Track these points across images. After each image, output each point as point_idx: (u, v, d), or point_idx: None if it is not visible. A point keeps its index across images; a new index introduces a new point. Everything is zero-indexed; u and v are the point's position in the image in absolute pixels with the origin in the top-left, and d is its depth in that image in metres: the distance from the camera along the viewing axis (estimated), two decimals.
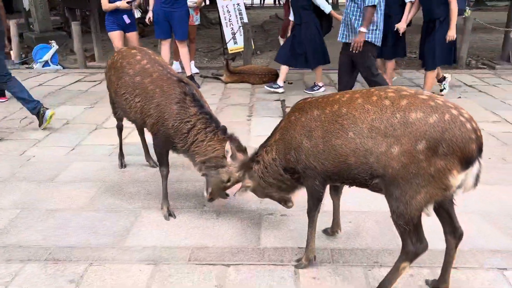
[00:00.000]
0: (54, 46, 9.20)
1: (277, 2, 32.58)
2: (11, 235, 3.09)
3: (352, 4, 5.13)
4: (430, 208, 2.22)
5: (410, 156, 2.07)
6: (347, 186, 2.66)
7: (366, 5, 4.97)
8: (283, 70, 6.82)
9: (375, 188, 2.36)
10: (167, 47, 7.14)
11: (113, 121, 5.43)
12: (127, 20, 6.74)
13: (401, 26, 6.15)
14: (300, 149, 2.46)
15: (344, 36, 5.36)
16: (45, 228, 3.18)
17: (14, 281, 2.64)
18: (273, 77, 7.40)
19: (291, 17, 6.93)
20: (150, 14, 6.95)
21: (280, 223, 3.22)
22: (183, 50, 7.12)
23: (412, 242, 2.24)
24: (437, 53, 5.89)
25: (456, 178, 2.05)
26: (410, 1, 6.20)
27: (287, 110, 5.83)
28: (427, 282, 2.58)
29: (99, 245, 2.98)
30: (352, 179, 2.36)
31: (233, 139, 3.11)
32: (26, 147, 4.71)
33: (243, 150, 3.12)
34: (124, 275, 2.68)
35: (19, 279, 2.66)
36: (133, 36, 6.94)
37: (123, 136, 4.29)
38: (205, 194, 3.29)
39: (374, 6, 4.99)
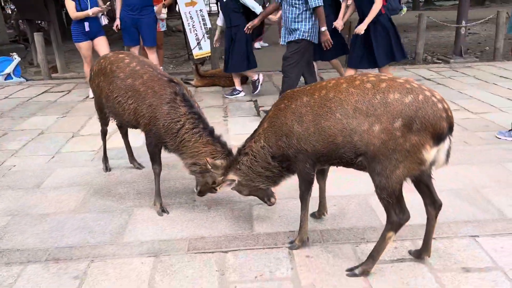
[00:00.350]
0: (16, 59, 9.08)
1: (267, 5, 32.87)
2: (6, 241, 3.13)
3: (291, 8, 5.19)
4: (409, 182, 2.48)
5: (388, 133, 2.29)
6: (330, 172, 2.87)
7: (314, 6, 5.06)
8: (234, 76, 7.00)
9: (359, 167, 2.57)
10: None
11: (89, 129, 5.56)
12: (87, 28, 6.66)
13: (338, 24, 6.15)
14: (292, 134, 2.64)
15: (286, 39, 5.42)
16: (40, 231, 3.23)
17: (18, 282, 2.69)
18: (242, 79, 7.59)
19: (219, 22, 6.90)
20: (117, 22, 6.97)
21: (269, 211, 3.40)
22: (152, 57, 7.17)
23: (396, 213, 2.48)
24: (380, 51, 5.75)
25: (429, 152, 2.30)
26: (345, 0, 6.24)
27: (261, 109, 6.06)
28: (410, 252, 2.82)
29: (97, 243, 3.06)
30: (339, 158, 2.56)
31: (219, 142, 3.23)
32: (4, 157, 4.69)
33: (228, 152, 3.22)
34: (127, 268, 2.79)
35: (22, 280, 2.72)
36: (102, 40, 6.88)
37: (102, 142, 4.35)
38: (195, 190, 3.43)
39: (321, 6, 5.12)
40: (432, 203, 2.60)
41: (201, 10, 10.45)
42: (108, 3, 6.80)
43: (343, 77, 2.59)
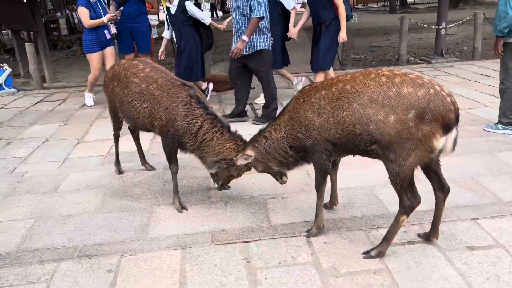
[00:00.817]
0: (7, 69, 9.09)
1: (214, 15, 33.14)
2: (35, 241, 3.26)
3: (242, 18, 5.29)
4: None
5: (402, 123, 2.53)
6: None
7: (255, 16, 5.12)
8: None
9: (373, 155, 2.80)
10: None
11: (92, 135, 5.70)
12: (108, 36, 6.80)
13: (293, 32, 6.27)
14: (312, 125, 2.86)
15: (245, 49, 5.41)
16: (66, 231, 3.37)
17: (55, 278, 2.84)
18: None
19: (166, 35, 6.66)
20: (114, 30, 7.06)
21: (283, 204, 3.61)
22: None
23: (408, 198, 2.71)
24: (320, 56, 5.93)
25: (439, 141, 2.54)
26: (294, 8, 6.33)
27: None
28: (419, 235, 3.06)
29: (124, 239, 3.22)
30: (356, 146, 2.79)
31: (238, 136, 3.45)
32: (14, 164, 4.79)
33: (245, 143, 3.41)
34: (157, 260, 2.96)
35: (58, 275, 2.86)
36: (111, 51, 6.97)
37: (108, 147, 4.50)
38: (215, 185, 3.64)
39: (263, 18, 5.20)
40: (441, 188, 2.85)
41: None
42: (121, 8, 6.84)
43: (359, 71, 2.82)
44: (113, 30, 6.98)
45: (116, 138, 4.35)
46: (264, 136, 3.18)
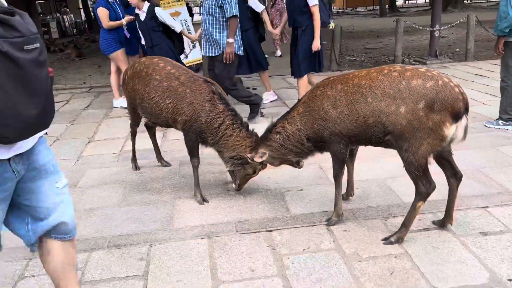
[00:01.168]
0: None
1: None
2: None
3: (210, 18, 5.23)
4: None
5: (413, 113, 2.70)
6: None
7: (228, 16, 5.13)
8: None
9: (387, 145, 2.96)
10: None
11: (102, 134, 5.80)
12: (128, 35, 6.84)
13: (276, 31, 6.44)
14: (328, 117, 3.01)
15: (207, 50, 5.45)
16: (92, 223, 3.48)
17: (88, 266, 2.94)
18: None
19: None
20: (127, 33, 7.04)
21: (300, 196, 3.75)
22: None
23: (423, 184, 2.88)
24: (300, 61, 5.91)
25: (449, 129, 2.71)
26: (264, 10, 6.41)
27: (263, 111, 6.42)
28: (433, 222, 3.23)
29: (151, 230, 3.34)
30: (369, 137, 2.95)
31: (254, 134, 3.59)
32: None
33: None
34: (185, 248, 3.08)
35: (91, 264, 2.97)
36: (124, 53, 7.01)
37: (120, 145, 4.60)
38: (233, 186, 3.77)
39: (236, 16, 5.17)
40: (454, 175, 3.02)
41: (185, 20, 10.73)
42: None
43: (373, 68, 2.99)
44: (127, 34, 7.02)
45: (134, 134, 4.45)
46: (277, 132, 3.32)
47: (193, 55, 10.30)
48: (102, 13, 6.59)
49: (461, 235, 3.07)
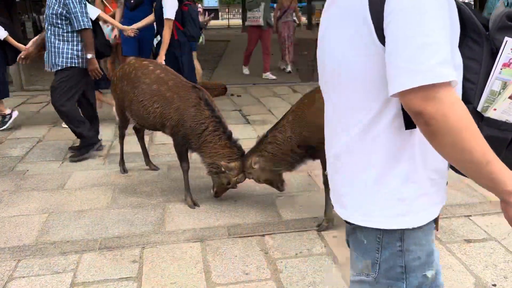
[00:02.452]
0: None
1: None
2: (52, 234, 3.32)
3: (53, 29, 4.58)
4: None
5: None
6: None
7: (79, 29, 4.52)
8: None
9: None
10: None
11: None
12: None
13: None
14: (316, 125, 3.09)
15: (53, 65, 4.68)
16: (83, 225, 3.45)
17: (80, 268, 2.92)
18: (222, 90, 8.00)
19: None
20: (116, 32, 6.79)
21: (291, 202, 3.81)
22: None
23: None
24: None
25: None
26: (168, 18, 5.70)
27: (248, 117, 6.50)
28: None
29: (142, 233, 3.33)
30: None
31: (235, 145, 3.60)
32: (13, 163, 4.78)
33: (242, 154, 3.58)
34: (178, 251, 3.10)
35: (83, 266, 2.95)
36: None
37: (106, 148, 4.56)
38: (212, 191, 3.79)
39: (89, 29, 4.59)
40: None
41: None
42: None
43: None
44: (116, 32, 6.98)
45: (122, 137, 4.43)
46: (269, 142, 3.38)
47: None
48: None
49: (447, 241, 3.19)
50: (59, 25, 4.57)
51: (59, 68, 4.64)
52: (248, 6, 9.65)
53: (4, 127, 6.08)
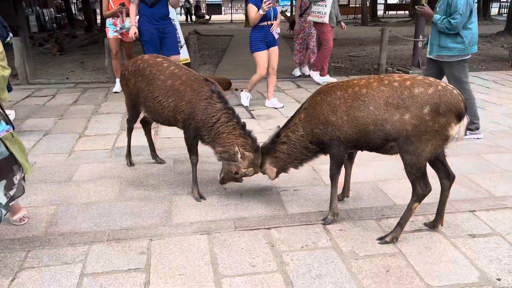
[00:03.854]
0: None
1: (189, 19, 33.25)
2: (61, 225, 3.36)
3: None
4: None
5: (419, 119, 2.82)
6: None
7: None
8: None
9: (385, 150, 3.08)
10: None
11: (92, 130, 5.78)
12: (276, 36, 6.63)
13: None
14: (328, 122, 3.12)
15: None
16: (91, 217, 3.49)
17: (89, 259, 2.96)
18: (226, 85, 8.02)
19: None
20: (135, 29, 6.55)
21: (296, 196, 3.84)
22: None
23: (421, 186, 3.00)
24: None
25: (454, 129, 2.86)
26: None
27: (253, 112, 6.52)
28: (425, 224, 3.36)
29: (150, 225, 3.37)
30: (367, 143, 3.06)
31: (250, 136, 3.61)
32: None
33: (256, 148, 3.59)
34: (186, 243, 3.13)
35: (92, 256, 2.99)
36: (276, 50, 6.77)
37: (112, 141, 4.58)
38: (218, 177, 3.80)
39: None
40: (447, 176, 3.17)
41: (173, 20, 10.73)
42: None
43: (371, 77, 3.10)
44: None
45: (130, 130, 4.46)
46: (282, 142, 3.41)
47: (181, 54, 10.32)
48: (251, 9, 6.39)
49: (452, 236, 3.21)
50: None
51: None
52: None
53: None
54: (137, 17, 6.55)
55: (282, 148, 3.43)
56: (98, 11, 25.20)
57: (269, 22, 6.45)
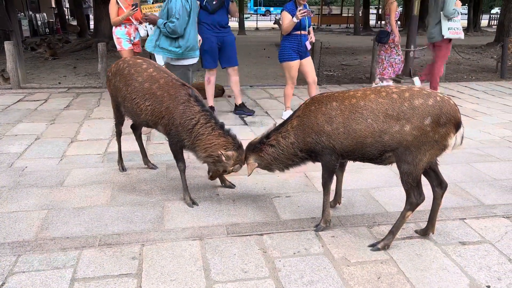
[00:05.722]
0: None
1: None
2: (52, 230, 3.34)
3: None
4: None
5: (420, 130, 2.84)
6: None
7: None
8: None
9: (380, 161, 3.11)
10: (215, 77, 6.79)
11: (85, 135, 5.76)
12: (309, 46, 6.36)
13: None
14: (322, 132, 3.14)
15: None
16: (82, 222, 3.47)
17: (80, 264, 2.94)
18: (220, 92, 8.04)
19: None
20: (144, 31, 6.72)
21: (288, 202, 3.85)
22: (236, 78, 6.83)
23: (415, 195, 3.03)
24: None
25: (452, 138, 2.90)
26: None
27: (246, 119, 6.54)
28: (416, 231, 3.39)
29: (142, 230, 3.36)
30: (362, 154, 3.08)
31: (230, 134, 3.62)
32: (11, 160, 4.79)
33: (238, 145, 3.60)
34: (178, 249, 3.13)
35: (83, 262, 2.97)
36: (310, 61, 6.52)
37: (104, 146, 4.58)
38: (208, 174, 3.82)
39: None
40: (439, 184, 3.20)
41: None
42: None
43: (368, 89, 3.13)
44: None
45: (119, 134, 4.44)
46: (271, 145, 3.41)
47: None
48: (284, 16, 6.11)
49: (442, 244, 3.24)
50: None
51: None
52: (450, 14, 7.27)
53: None
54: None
55: (269, 151, 3.43)
56: (91, 16, 25.12)
57: (302, 32, 6.19)
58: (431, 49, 7.87)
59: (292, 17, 5.98)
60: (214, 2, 6.31)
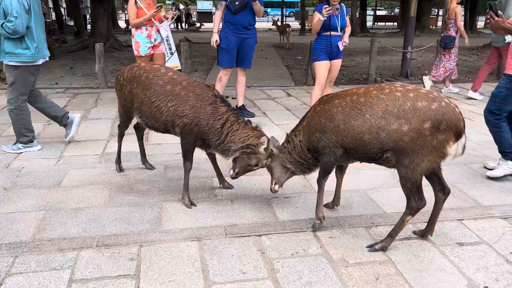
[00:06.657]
0: None
1: (179, 27, 33.29)
2: (49, 231, 3.33)
3: None
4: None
5: (418, 132, 2.83)
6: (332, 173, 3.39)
7: None
8: None
9: (382, 161, 3.10)
10: (227, 78, 6.73)
11: (82, 135, 5.73)
12: (341, 47, 6.22)
13: None
14: (324, 130, 3.14)
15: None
16: (80, 223, 3.46)
17: (78, 265, 2.93)
18: None
19: None
20: (216, 37, 6.46)
21: (286, 203, 3.85)
22: (243, 79, 6.87)
23: (415, 200, 3.02)
24: None
25: (452, 147, 2.88)
26: None
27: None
28: (414, 232, 3.40)
29: (140, 231, 3.35)
30: (365, 153, 3.08)
31: (259, 129, 3.67)
32: (8, 160, 4.77)
33: (269, 139, 3.56)
34: (176, 250, 3.12)
35: (81, 263, 2.96)
36: (339, 63, 6.40)
37: (102, 147, 4.56)
38: (230, 172, 3.76)
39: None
40: (442, 190, 3.20)
41: (164, 28, 10.73)
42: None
43: (371, 86, 3.13)
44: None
45: (121, 136, 4.44)
46: (288, 140, 3.48)
47: (171, 61, 10.32)
48: (315, 16, 6.02)
49: (440, 245, 3.25)
50: None
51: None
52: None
53: None
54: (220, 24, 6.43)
55: (286, 146, 3.47)
56: (88, 16, 25.08)
57: (332, 33, 6.04)
58: (489, 54, 8.53)
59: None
60: (236, 3, 6.25)
